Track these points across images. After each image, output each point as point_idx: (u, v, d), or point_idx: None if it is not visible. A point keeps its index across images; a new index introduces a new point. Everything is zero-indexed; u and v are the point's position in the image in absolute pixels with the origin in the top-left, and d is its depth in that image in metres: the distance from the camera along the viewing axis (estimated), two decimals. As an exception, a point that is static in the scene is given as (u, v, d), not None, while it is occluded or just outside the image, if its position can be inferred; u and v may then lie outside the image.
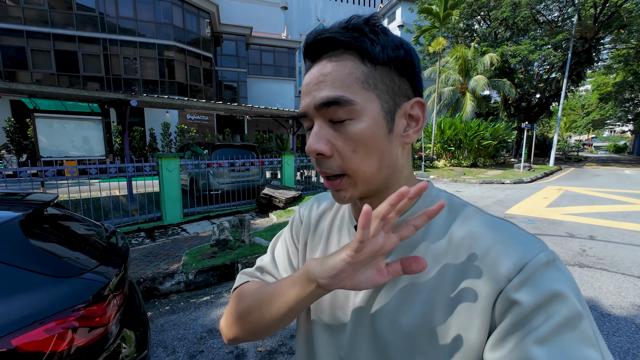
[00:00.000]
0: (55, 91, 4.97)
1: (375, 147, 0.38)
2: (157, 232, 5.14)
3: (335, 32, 0.38)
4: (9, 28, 13.11)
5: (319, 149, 0.38)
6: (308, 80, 0.40)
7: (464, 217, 0.41)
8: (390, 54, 0.38)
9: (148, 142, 14.02)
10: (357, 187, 0.40)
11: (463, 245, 0.38)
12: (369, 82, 0.37)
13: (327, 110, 0.38)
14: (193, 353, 2.07)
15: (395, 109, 0.39)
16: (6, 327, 0.92)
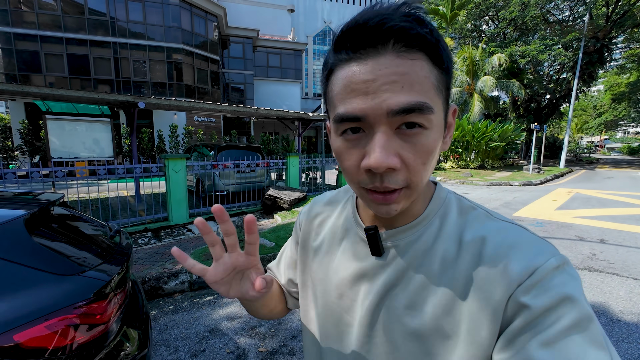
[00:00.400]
0: (66, 94, 5.09)
1: (435, 157, 0.36)
2: (163, 232, 5.21)
3: (404, 22, 0.31)
4: (24, 33, 13.51)
5: (392, 164, 0.33)
6: (368, 76, 0.32)
7: (474, 220, 0.41)
8: (450, 57, 0.35)
9: (156, 143, 14.23)
10: (410, 199, 0.37)
11: (473, 248, 0.38)
12: (440, 87, 0.34)
13: (402, 117, 0.32)
14: (195, 352, 2.09)
15: (447, 116, 0.38)
16: (8, 323, 0.94)
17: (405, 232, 0.42)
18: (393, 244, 0.43)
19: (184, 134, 14.47)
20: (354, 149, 0.35)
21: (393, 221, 0.43)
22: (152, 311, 2.64)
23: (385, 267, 0.43)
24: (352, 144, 0.36)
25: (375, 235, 0.43)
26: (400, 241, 0.42)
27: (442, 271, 0.39)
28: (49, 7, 13.85)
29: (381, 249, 0.43)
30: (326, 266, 0.51)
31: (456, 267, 0.38)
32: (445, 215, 0.42)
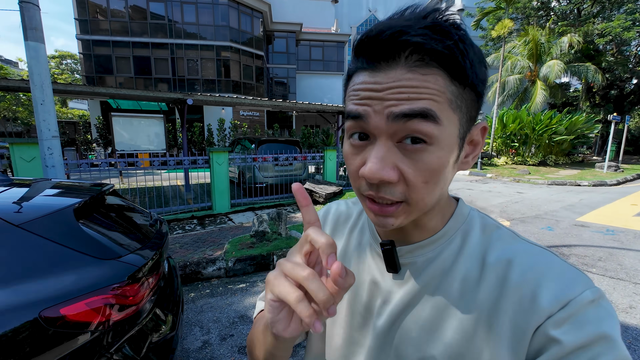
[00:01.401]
0: (128, 93, 5.70)
1: (444, 176, 0.34)
2: (207, 220, 5.61)
3: (421, 35, 0.30)
4: (100, 39, 15.39)
5: (386, 177, 0.32)
6: (375, 86, 0.32)
7: (499, 240, 0.38)
8: (479, 73, 0.32)
9: (206, 136, 15.32)
10: (410, 216, 0.36)
11: (498, 270, 0.36)
12: (458, 103, 0.32)
13: (404, 124, 0.31)
14: (224, 336, 2.22)
15: (466, 134, 0.35)
16: (56, 297, 1.09)
17: (423, 248, 0.40)
18: (410, 261, 0.41)
19: (230, 128, 15.34)
20: (358, 155, 0.35)
21: (409, 236, 0.41)
22: (191, 293, 2.87)
23: (401, 285, 0.41)
24: (356, 150, 0.35)
25: (392, 251, 0.40)
26: (417, 258, 0.40)
27: (462, 293, 0.37)
28: (119, 15, 15.56)
29: (397, 265, 0.41)
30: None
31: (478, 290, 0.36)
32: (467, 233, 0.40)
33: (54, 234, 1.20)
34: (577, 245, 4.03)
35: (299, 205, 0.33)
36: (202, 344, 2.13)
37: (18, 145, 3.98)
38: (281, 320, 0.32)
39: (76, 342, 1.10)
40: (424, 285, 0.39)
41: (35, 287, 1.08)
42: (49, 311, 1.06)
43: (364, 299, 0.44)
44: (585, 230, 4.63)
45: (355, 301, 0.45)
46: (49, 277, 1.12)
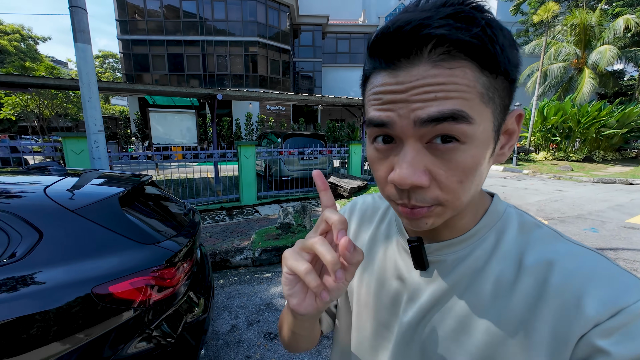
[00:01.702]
0: (164, 89, 6.02)
1: (479, 172, 0.32)
2: (235, 211, 5.83)
3: (444, 27, 0.27)
4: (138, 39, 16.30)
5: (417, 182, 0.30)
6: (397, 87, 0.30)
7: (539, 240, 0.35)
8: (511, 58, 0.30)
9: (234, 130, 15.80)
10: (444, 216, 0.34)
11: (536, 272, 0.33)
12: (490, 95, 0.30)
13: (432, 128, 0.29)
14: (251, 321, 2.33)
15: (502, 125, 0.33)
16: (105, 276, 1.20)
17: (453, 247, 0.38)
18: (439, 259, 0.39)
19: (257, 122, 15.68)
20: (384, 160, 0.33)
21: (438, 234, 0.39)
22: (220, 280, 3.03)
23: (429, 283, 0.39)
24: (382, 155, 0.33)
25: (419, 248, 0.39)
26: (447, 256, 0.38)
27: (495, 295, 0.34)
28: (155, 15, 16.34)
29: (425, 262, 0.39)
30: (363, 275, 0.48)
31: (514, 292, 0.33)
32: (503, 231, 0.37)
33: (102, 219, 1.32)
34: (625, 249, 3.70)
35: (317, 189, 0.35)
36: (230, 328, 2.25)
37: (69, 139, 4.37)
38: (296, 294, 0.34)
39: (121, 318, 1.21)
40: (454, 284, 0.37)
41: (88, 266, 1.20)
42: (99, 288, 1.17)
43: (390, 294, 0.43)
44: (636, 233, 4.23)
45: (381, 295, 0.44)
46: (99, 257, 1.24)
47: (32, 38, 22.24)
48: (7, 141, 4.67)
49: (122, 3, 15.87)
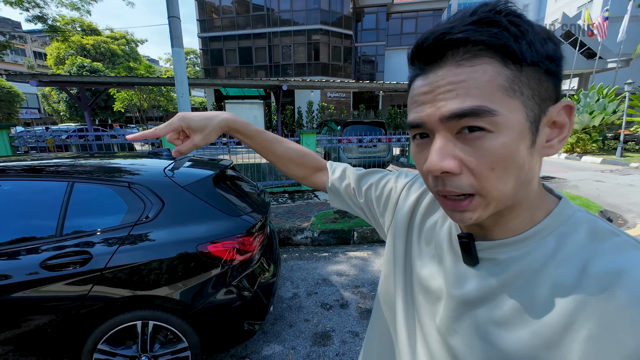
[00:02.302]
0: (236, 82, 6.68)
1: (516, 163, 0.32)
2: (296, 195, 6.28)
3: (464, 31, 0.31)
4: (214, 35, 17.97)
5: (446, 167, 0.32)
6: (426, 88, 0.33)
7: (612, 248, 0.32)
8: (540, 51, 0.31)
9: (296, 118, 16.51)
10: (488, 208, 0.34)
11: (601, 281, 0.30)
12: (514, 88, 0.31)
13: (457, 122, 0.31)
14: (310, 292, 2.63)
15: (541, 116, 0.33)
16: (205, 238, 1.57)
17: (507, 247, 0.37)
18: (491, 257, 0.38)
19: (317, 110, 16.07)
20: (422, 153, 0.36)
21: (490, 232, 0.38)
22: (284, 255, 3.42)
23: (477, 278, 0.39)
24: (420, 149, 0.37)
25: (469, 244, 0.39)
26: (499, 255, 0.37)
27: (551, 298, 0.33)
28: (228, 11, 17.73)
29: (475, 259, 0.39)
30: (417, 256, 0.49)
31: (573, 297, 0.31)
32: (567, 236, 0.35)
33: (201, 194, 1.69)
34: None
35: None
36: (292, 295, 2.59)
37: (166, 128, 5.25)
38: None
39: (215, 271, 1.57)
40: (505, 283, 0.36)
41: (193, 230, 1.57)
42: (201, 247, 1.54)
43: (437, 283, 0.44)
44: None
45: (430, 279, 0.45)
46: (200, 223, 1.61)
47: (134, 41, 26.33)
48: (118, 130, 5.82)
49: (202, 3, 17.60)
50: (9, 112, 18.30)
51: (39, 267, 1.36)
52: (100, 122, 22.98)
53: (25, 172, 1.56)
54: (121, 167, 1.73)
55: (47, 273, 1.36)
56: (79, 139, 5.37)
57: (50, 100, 23.30)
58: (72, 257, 1.40)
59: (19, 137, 5.03)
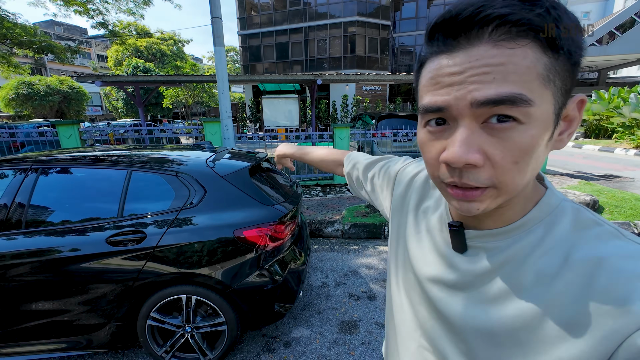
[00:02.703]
0: (272, 78, 6.88)
1: (537, 156, 0.31)
2: (329, 188, 6.35)
3: (508, 7, 0.27)
4: (253, 32, 18.54)
5: (472, 160, 0.30)
6: (455, 69, 0.30)
7: (594, 238, 0.33)
8: (576, 39, 0.29)
9: (330, 112, 16.52)
10: (497, 200, 0.33)
11: (582, 268, 0.31)
12: (550, 77, 0.29)
13: (490, 109, 0.29)
14: (338, 282, 2.69)
15: (562, 109, 0.31)
16: (241, 224, 1.69)
17: (495, 237, 0.37)
18: (479, 245, 0.39)
19: (352, 103, 15.91)
20: (436, 141, 0.33)
21: (481, 222, 0.39)
22: (314, 245, 3.52)
23: (465, 264, 0.40)
24: (434, 136, 0.34)
25: (459, 232, 0.40)
26: (487, 244, 0.38)
27: (534, 284, 0.34)
28: (267, 7, 18.15)
29: (463, 246, 0.40)
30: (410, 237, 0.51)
31: (553, 284, 0.32)
32: (553, 225, 0.35)
33: (238, 183, 1.82)
34: None
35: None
36: (321, 284, 2.68)
37: (208, 123, 5.61)
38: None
39: (249, 255, 1.70)
40: (492, 270, 0.37)
41: (231, 216, 1.71)
42: (238, 232, 1.67)
43: (429, 268, 0.45)
44: None
45: (422, 261, 0.47)
46: (236, 210, 1.74)
47: (181, 42, 28.14)
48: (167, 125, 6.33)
49: (242, 1, 18.21)
50: (78, 110, 20.74)
51: (104, 242, 1.59)
52: (152, 118, 25.07)
53: (93, 162, 1.81)
54: (170, 157, 1.92)
55: (111, 248, 1.58)
56: (134, 133, 5.95)
57: (111, 98, 25.94)
58: (130, 235, 1.61)
59: (87, 132, 5.72)
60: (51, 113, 19.05)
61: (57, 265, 1.57)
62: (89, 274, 1.58)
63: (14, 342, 1.64)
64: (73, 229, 1.62)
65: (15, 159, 1.81)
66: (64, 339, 1.66)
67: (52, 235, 1.61)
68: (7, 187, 1.69)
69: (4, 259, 1.55)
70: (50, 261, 1.57)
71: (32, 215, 1.66)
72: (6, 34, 7.35)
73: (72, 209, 1.71)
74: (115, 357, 1.88)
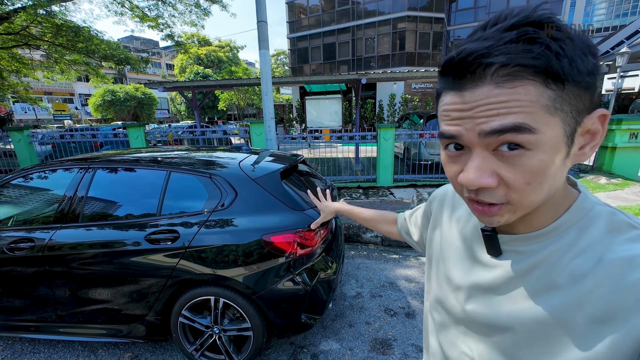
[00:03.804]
0: (316, 79, 6.88)
1: (551, 176, 0.33)
2: (371, 191, 6.12)
3: (506, 54, 0.30)
4: (301, 35, 18.93)
5: (484, 184, 0.34)
6: (463, 106, 0.33)
7: (629, 240, 0.34)
8: (582, 68, 0.30)
9: (377, 112, 16.07)
10: (516, 213, 0.36)
11: (614, 268, 0.33)
12: (556, 106, 0.31)
13: (497, 137, 0.32)
14: (374, 294, 2.52)
15: (576, 129, 0.33)
16: (269, 229, 1.65)
17: (528, 241, 0.39)
18: (512, 249, 0.41)
19: (400, 102, 15.26)
20: (455, 164, 0.37)
21: (514, 227, 0.41)
22: (351, 251, 3.37)
23: (499, 268, 0.42)
24: (452, 160, 0.37)
25: (492, 236, 0.42)
26: (520, 247, 0.40)
27: (567, 284, 0.35)
28: (315, 9, 18.38)
29: (497, 250, 0.42)
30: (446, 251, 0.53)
31: (586, 283, 0.34)
32: (585, 229, 0.37)
33: (269, 187, 1.78)
34: None
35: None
36: (355, 294, 2.53)
37: (253, 124, 5.81)
38: None
39: (276, 261, 1.64)
40: (525, 272, 0.39)
41: (260, 220, 1.68)
42: (266, 236, 1.63)
43: (461, 272, 0.48)
44: None
45: (453, 272, 0.49)
46: (266, 214, 1.70)
47: (236, 48, 30.05)
48: (221, 126, 6.74)
49: (292, 5, 18.71)
50: (149, 113, 23.46)
51: (144, 239, 1.67)
52: (209, 120, 27.22)
53: (138, 163, 1.93)
54: (206, 159, 1.96)
55: (149, 245, 1.66)
56: (189, 134, 6.45)
57: (175, 103, 28.81)
58: (166, 234, 1.67)
59: (150, 133, 6.37)
60: (128, 116, 21.87)
61: (105, 258, 1.69)
62: (131, 268, 1.68)
63: (69, 324, 1.83)
64: (119, 225, 1.75)
65: (76, 159, 2.02)
66: (108, 326, 1.80)
67: (101, 229, 1.75)
68: (70, 183, 1.88)
69: (62, 249, 1.73)
70: (99, 254, 1.70)
71: (87, 210, 1.82)
72: (95, 49, 8.57)
73: (119, 206, 1.84)
74: (154, 347, 1.98)
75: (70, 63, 9.29)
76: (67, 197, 1.85)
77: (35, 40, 8.01)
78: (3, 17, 7.01)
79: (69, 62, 9.26)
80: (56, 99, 28.57)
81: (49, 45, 8.17)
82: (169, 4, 9.14)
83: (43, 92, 27.16)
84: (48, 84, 20.24)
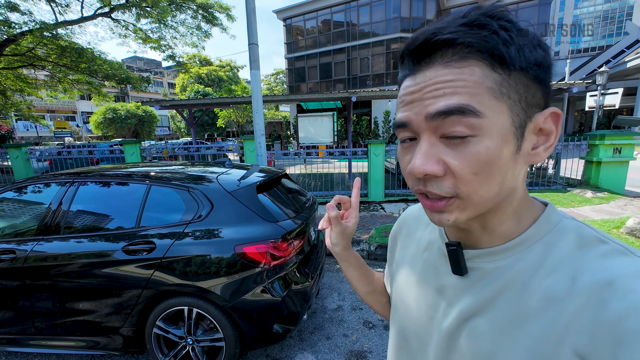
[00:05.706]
0: (308, 97, 7.12)
1: (500, 168, 0.32)
2: (362, 206, 6.18)
3: (454, 32, 0.31)
4: (298, 55, 19.57)
5: (429, 170, 0.33)
6: (414, 88, 0.34)
7: (600, 256, 0.32)
8: (529, 57, 0.31)
9: (372, 129, 16.36)
10: (465, 211, 0.34)
11: (592, 293, 0.30)
12: (502, 90, 0.31)
13: (442, 121, 0.32)
14: (355, 307, 2.53)
15: (527, 122, 0.33)
16: (242, 240, 1.71)
17: (493, 255, 0.37)
18: (478, 266, 0.39)
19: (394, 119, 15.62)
20: (407, 155, 0.37)
21: (478, 240, 0.39)
22: (336, 265, 3.39)
23: (467, 290, 0.39)
24: (405, 151, 0.37)
25: (457, 252, 0.40)
26: (486, 264, 0.38)
27: (542, 310, 0.32)
28: (312, 31, 19.11)
29: (463, 268, 0.40)
30: (407, 278, 0.50)
31: (564, 309, 0.31)
32: (554, 244, 0.35)
33: (244, 200, 1.86)
34: None
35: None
36: (336, 307, 2.55)
37: (246, 141, 5.95)
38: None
39: (249, 272, 1.69)
40: (494, 295, 0.36)
41: (234, 231, 1.74)
42: (238, 247, 1.69)
43: (428, 299, 0.44)
44: None
45: (422, 299, 0.45)
46: (239, 226, 1.77)
47: (236, 67, 30.95)
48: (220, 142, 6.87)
49: (289, 28, 19.48)
50: (149, 130, 23.82)
51: (121, 250, 1.73)
52: (208, 136, 27.60)
53: (121, 177, 2.01)
54: (187, 173, 2.05)
55: (125, 256, 1.71)
56: (184, 150, 6.58)
57: (175, 120, 29.31)
58: (143, 244, 1.72)
59: (146, 149, 6.50)
60: (129, 133, 22.19)
61: (84, 269, 1.74)
62: (108, 279, 1.73)
63: (47, 336, 1.85)
64: (99, 236, 1.81)
65: (62, 174, 2.10)
66: (85, 338, 1.82)
67: (81, 241, 1.80)
68: (54, 196, 1.96)
69: (42, 260, 1.78)
70: (78, 265, 1.75)
71: (69, 222, 1.89)
72: (97, 69, 8.89)
73: (100, 218, 1.91)
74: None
75: (73, 82, 9.61)
76: (51, 210, 1.92)
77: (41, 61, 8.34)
78: (10, 39, 7.33)
79: (72, 82, 9.57)
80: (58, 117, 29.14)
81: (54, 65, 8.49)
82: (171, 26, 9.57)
83: (46, 110, 27.74)
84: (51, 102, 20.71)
